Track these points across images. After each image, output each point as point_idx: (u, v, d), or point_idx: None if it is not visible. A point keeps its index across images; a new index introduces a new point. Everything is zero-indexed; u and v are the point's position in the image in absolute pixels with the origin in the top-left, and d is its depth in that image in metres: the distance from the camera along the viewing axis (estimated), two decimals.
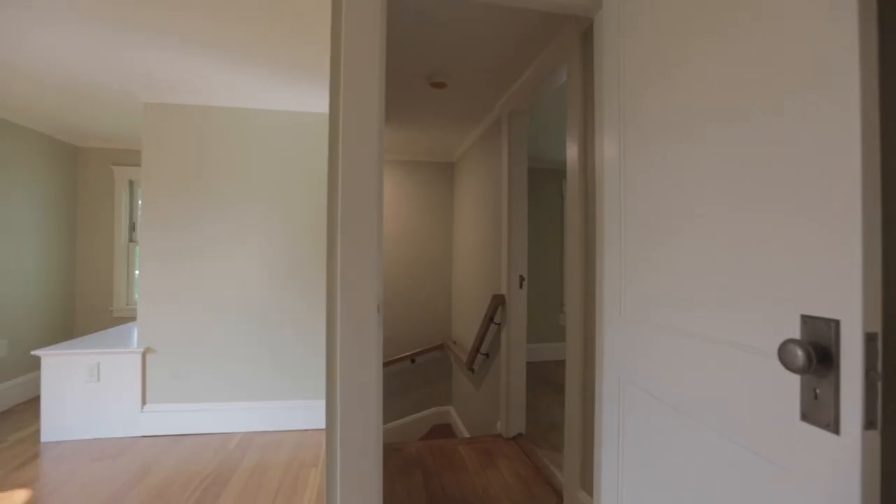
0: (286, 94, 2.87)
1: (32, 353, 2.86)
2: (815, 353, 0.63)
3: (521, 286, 2.77)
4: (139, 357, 2.88)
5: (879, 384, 0.60)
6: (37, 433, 2.88)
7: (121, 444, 2.75)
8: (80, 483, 2.29)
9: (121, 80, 2.67)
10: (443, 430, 4.34)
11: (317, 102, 3.00)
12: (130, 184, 4.32)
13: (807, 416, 0.67)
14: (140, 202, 4.12)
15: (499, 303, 2.82)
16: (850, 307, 0.60)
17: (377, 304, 1.17)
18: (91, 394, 2.84)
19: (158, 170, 2.94)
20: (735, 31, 0.81)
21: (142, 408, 2.89)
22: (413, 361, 4.27)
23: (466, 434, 3.75)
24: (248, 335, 3.01)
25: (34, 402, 3.42)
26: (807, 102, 0.67)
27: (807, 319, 0.67)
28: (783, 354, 0.66)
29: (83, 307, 4.16)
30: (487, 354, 3.19)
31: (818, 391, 0.65)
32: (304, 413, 3.04)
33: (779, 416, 0.71)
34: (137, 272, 4.25)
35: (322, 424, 3.04)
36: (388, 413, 4.20)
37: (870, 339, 0.60)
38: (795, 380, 0.68)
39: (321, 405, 3.05)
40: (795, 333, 0.69)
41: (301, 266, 3.08)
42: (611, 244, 1.30)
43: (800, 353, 0.63)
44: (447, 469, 2.38)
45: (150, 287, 2.93)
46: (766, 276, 0.74)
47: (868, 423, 0.60)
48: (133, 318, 4.19)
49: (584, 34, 1.81)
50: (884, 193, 0.61)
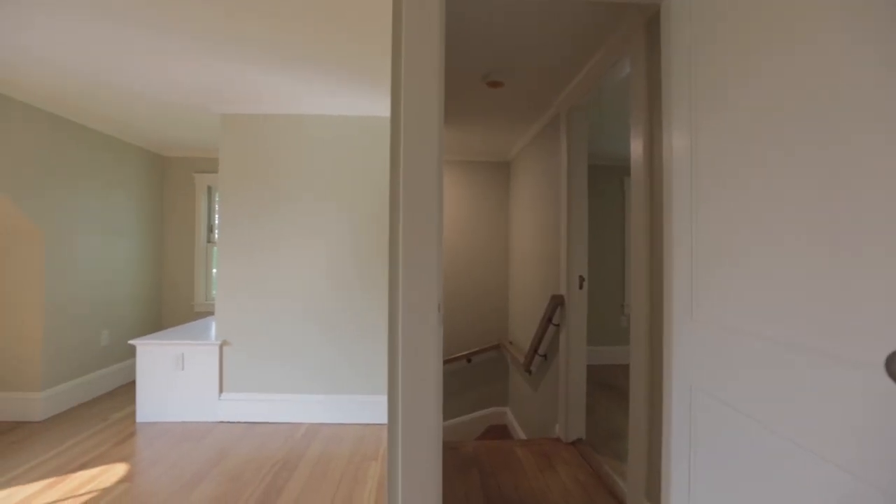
0: (349, 100, 2.99)
1: (129, 343, 3.20)
2: None
3: (581, 286, 2.68)
4: (217, 349, 3.13)
5: None
6: (133, 414, 3.21)
7: (202, 428, 3.00)
8: (170, 462, 2.52)
9: (200, 95, 2.92)
10: (498, 431, 4.31)
11: (378, 107, 3.10)
12: (209, 189, 4.69)
13: None
14: (217, 206, 4.47)
15: (557, 303, 2.75)
16: None
17: (437, 304, 1.19)
18: (177, 381, 3.12)
19: (233, 175, 3.17)
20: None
21: (219, 396, 3.13)
22: (469, 361, 4.28)
23: (523, 436, 3.70)
24: (314, 331, 3.17)
25: (131, 386, 3.81)
26: None
27: None
28: (891, 366, 0.59)
29: (169, 302, 4.58)
30: (545, 356, 3.13)
31: None
32: (366, 407, 3.15)
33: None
34: (214, 270, 4.62)
35: (382, 419, 3.14)
36: (445, 412, 4.24)
37: None
38: None
39: (381, 400, 3.15)
40: None
41: (363, 264, 3.20)
42: (680, 242, 1.23)
43: None
44: (504, 470, 2.37)
45: (227, 285, 3.17)
46: (874, 282, 0.67)
47: None
48: (210, 313, 4.55)
49: (649, 23, 1.72)
50: None
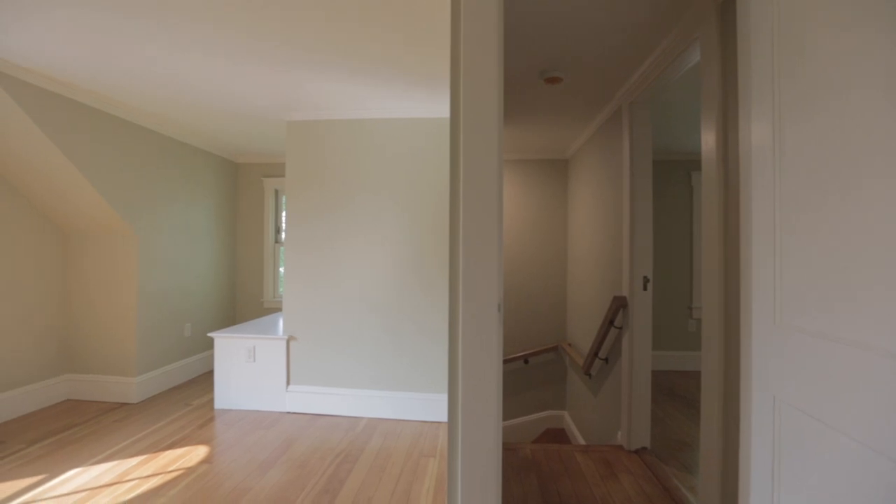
0: (407, 103, 3.07)
1: (208, 335, 3.48)
2: None
3: (646, 288, 2.56)
4: (284, 343, 3.32)
5: None
6: (211, 401, 3.49)
7: (271, 417, 3.20)
8: (244, 446, 2.71)
9: (269, 104, 3.11)
10: (556, 435, 4.21)
11: (437, 108, 3.15)
12: (276, 192, 4.99)
13: None
14: (284, 208, 4.74)
15: (619, 305, 2.64)
16: None
17: (498, 303, 1.19)
18: (249, 372, 3.35)
19: (298, 178, 3.35)
20: None
21: (287, 387, 3.32)
22: (526, 362, 4.22)
23: (582, 441, 3.60)
24: (374, 328, 3.28)
25: (209, 375, 4.15)
26: None
27: None
28: None
29: (241, 298, 4.93)
30: (607, 359, 3.02)
31: None
32: (423, 405, 3.20)
33: None
34: (281, 269, 4.91)
35: (438, 417, 3.18)
36: (503, 412, 4.21)
37: None
38: None
39: (438, 398, 3.19)
40: None
41: (422, 263, 3.26)
42: (761, 241, 1.13)
43: None
44: (563, 475, 2.31)
45: (293, 283, 3.35)
46: None
47: None
48: (278, 309, 4.84)
49: (723, 4, 1.61)
50: None
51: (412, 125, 3.26)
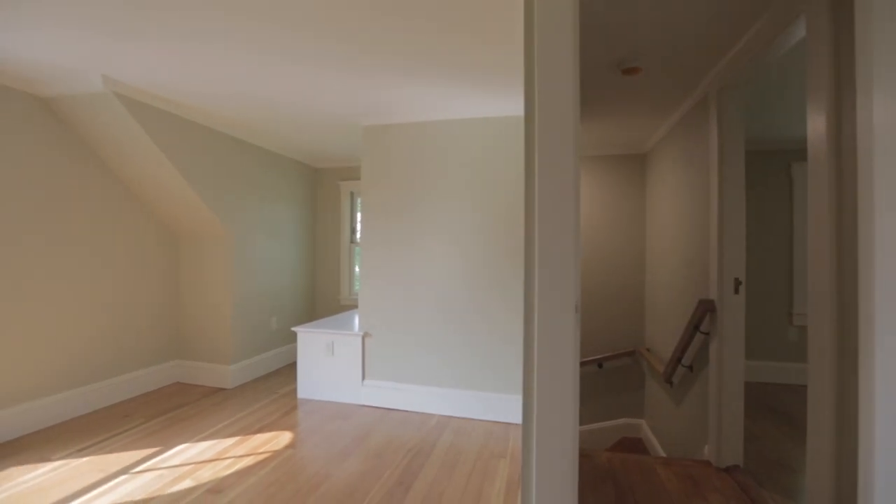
0: (479, 102, 3.07)
1: (292, 329, 3.75)
2: None
3: (738, 291, 2.34)
4: (360, 339, 3.48)
5: None
6: (294, 390, 3.76)
7: (348, 409, 3.37)
8: (324, 435, 2.89)
9: (347, 111, 3.28)
10: (631, 444, 3.99)
11: (509, 106, 3.12)
12: (351, 195, 5.25)
13: None
14: (359, 209, 5.00)
15: (707, 309, 2.44)
16: None
17: (575, 304, 1.15)
18: (328, 365, 3.56)
19: (373, 181, 3.50)
20: None
21: (362, 381, 3.48)
22: (600, 366, 4.05)
23: (661, 453, 3.37)
24: (446, 327, 3.33)
25: (292, 366, 4.46)
26: None
27: None
28: None
29: (320, 295, 5.25)
30: (691, 367, 2.80)
31: None
32: (494, 405, 3.19)
33: None
34: (357, 268, 5.16)
35: (508, 418, 3.15)
36: None
37: None
38: None
39: (509, 399, 3.16)
40: None
41: (494, 262, 3.25)
42: (888, 236, 0.99)
43: None
44: (643, 488, 2.18)
45: (368, 282, 3.50)
46: None
47: None
48: (354, 306, 5.08)
49: None
50: None
51: (482, 124, 3.26)
